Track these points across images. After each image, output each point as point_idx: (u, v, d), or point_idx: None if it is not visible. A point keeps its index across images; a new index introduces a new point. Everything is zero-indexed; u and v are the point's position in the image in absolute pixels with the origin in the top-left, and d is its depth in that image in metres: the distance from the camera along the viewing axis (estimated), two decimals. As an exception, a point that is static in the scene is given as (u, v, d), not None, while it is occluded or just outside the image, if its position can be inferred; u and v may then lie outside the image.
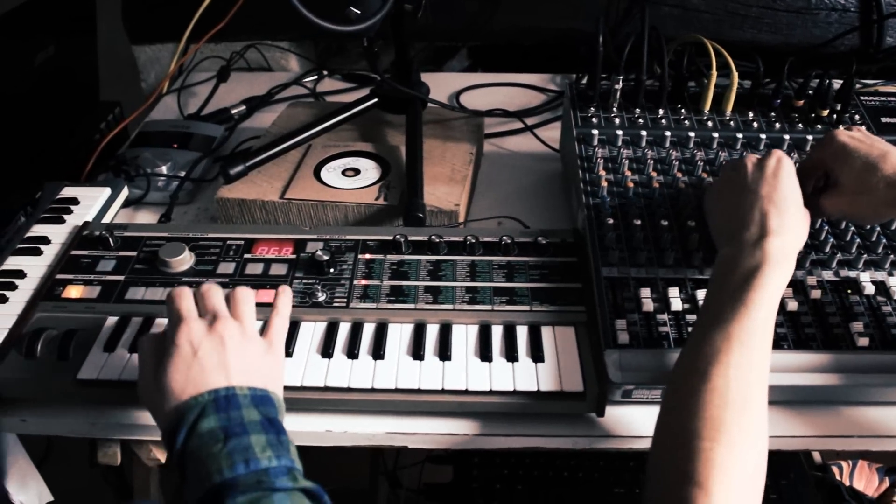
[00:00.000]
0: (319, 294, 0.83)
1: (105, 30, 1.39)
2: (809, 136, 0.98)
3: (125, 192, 1.08)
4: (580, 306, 0.82)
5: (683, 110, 1.02)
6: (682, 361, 0.64)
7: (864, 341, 0.75)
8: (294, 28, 1.47)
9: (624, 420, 0.77)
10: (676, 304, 0.79)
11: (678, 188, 0.92)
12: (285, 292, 0.76)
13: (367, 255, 0.88)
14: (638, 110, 1.02)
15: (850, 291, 0.81)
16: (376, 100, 1.11)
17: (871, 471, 1.44)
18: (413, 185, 0.96)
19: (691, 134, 0.98)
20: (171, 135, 1.20)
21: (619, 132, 0.98)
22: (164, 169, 1.11)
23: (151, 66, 1.52)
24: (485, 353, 0.77)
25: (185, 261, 0.88)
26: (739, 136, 0.98)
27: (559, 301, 0.83)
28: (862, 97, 1.06)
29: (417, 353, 0.78)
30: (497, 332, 0.80)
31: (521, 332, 0.80)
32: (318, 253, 0.86)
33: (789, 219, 0.69)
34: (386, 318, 0.82)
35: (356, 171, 1.03)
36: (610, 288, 0.81)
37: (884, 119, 1.02)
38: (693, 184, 0.92)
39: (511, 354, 0.77)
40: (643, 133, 0.98)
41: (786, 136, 0.98)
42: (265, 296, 0.84)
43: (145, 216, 1.08)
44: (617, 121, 1.01)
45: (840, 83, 1.01)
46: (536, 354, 0.77)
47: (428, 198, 0.95)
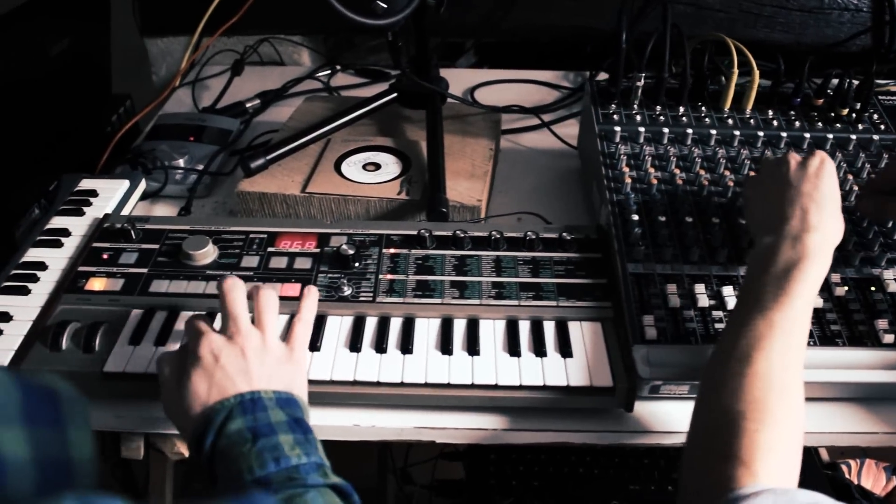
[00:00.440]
0: (345, 288, 0.83)
1: (116, 22, 1.39)
2: (829, 136, 0.98)
3: (143, 185, 1.08)
4: (606, 302, 0.83)
5: (704, 108, 1.03)
6: (723, 345, 0.65)
7: (889, 338, 0.76)
8: (307, 22, 1.46)
9: (651, 415, 0.77)
10: (703, 301, 0.80)
11: (701, 185, 0.92)
12: (311, 295, 0.76)
13: (392, 250, 0.88)
14: (658, 108, 1.02)
15: (873, 289, 0.81)
16: (395, 94, 1.10)
17: (879, 469, 1.45)
18: (435, 180, 0.96)
19: (713, 131, 0.98)
20: (186, 128, 1.19)
21: (641, 129, 0.98)
22: (181, 162, 1.11)
23: (163, 58, 1.51)
24: (513, 348, 0.78)
25: (208, 254, 0.88)
26: (760, 134, 0.98)
27: (585, 297, 0.83)
28: (880, 97, 1.06)
29: (446, 347, 0.78)
30: (524, 328, 0.80)
31: (549, 328, 0.80)
32: (344, 247, 0.86)
33: (828, 216, 0.71)
34: (413, 313, 0.82)
35: (377, 166, 1.03)
36: (636, 284, 0.82)
37: (902, 118, 1.03)
38: (715, 181, 0.93)
39: (539, 349, 0.77)
40: (665, 130, 0.98)
41: (806, 135, 0.99)
42: (290, 289, 0.84)
43: (163, 209, 1.08)
44: (638, 118, 1.01)
45: (858, 83, 1.02)
46: (565, 350, 0.78)
47: (450, 193, 0.95)
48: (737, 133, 0.98)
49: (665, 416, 0.77)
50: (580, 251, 0.89)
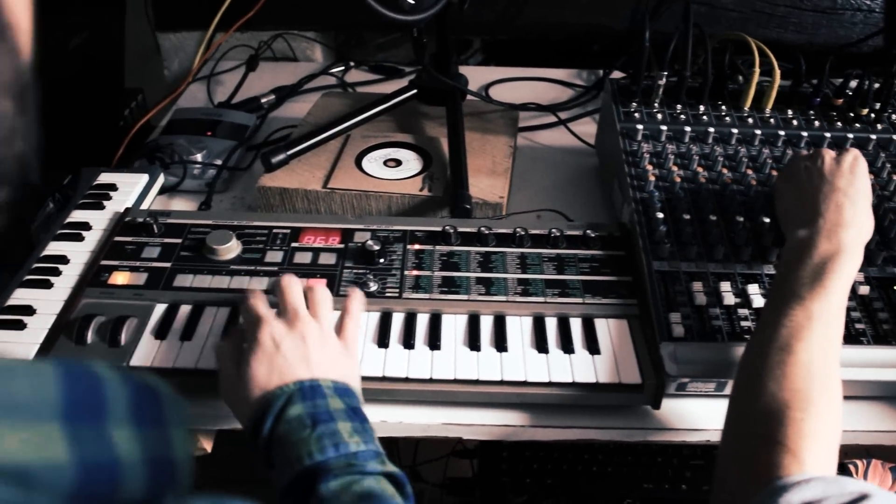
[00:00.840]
0: (371, 284, 0.83)
1: (128, 16, 1.38)
2: (849, 135, 0.99)
3: (161, 179, 1.07)
4: (632, 299, 0.83)
5: (724, 107, 1.03)
6: (761, 335, 0.65)
7: (915, 337, 0.76)
8: (321, 18, 1.46)
9: (676, 413, 0.78)
10: (729, 299, 0.80)
11: (724, 183, 0.92)
12: (357, 296, 0.77)
13: (416, 246, 0.88)
14: (679, 106, 1.02)
15: (896, 288, 0.82)
16: (415, 91, 1.10)
17: (885, 470, 1.45)
18: (458, 177, 0.96)
19: (734, 130, 0.99)
20: (203, 122, 1.19)
21: (663, 127, 0.98)
22: (198, 157, 1.11)
23: (175, 53, 1.50)
24: (541, 345, 0.78)
25: (232, 249, 0.88)
26: (781, 133, 0.99)
27: (611, 294, 0.83)
28: (899, 97, 1.07)
29: (474, 343, 0.78)
30: (551, 324, 0.81)
31: (576, 325, 0.81)
32: (369, 243, 0.86)
33: (861, 213, 0.72)
34: (439, 309, 0.82)
35: (398, 162, 1.03)
36: (661, 281, 0.82)
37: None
38: (738, 180, 0.93)
39: (567, 346, 0.78)
40: (687, 129, 0.98)
41: (826, 135, 0.99)
42: (315, 284, 0.83)
43: (180, 203, 1.08)
44: (659, 116, 1.01)
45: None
46: (592, 346, 0.78)
47: (472, 190, 0.95)
48: (758, 132, 0.99)
49: (690, 414, 0.78)
50: (604, 248, 0.89)
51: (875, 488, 0.50)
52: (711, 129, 0.98)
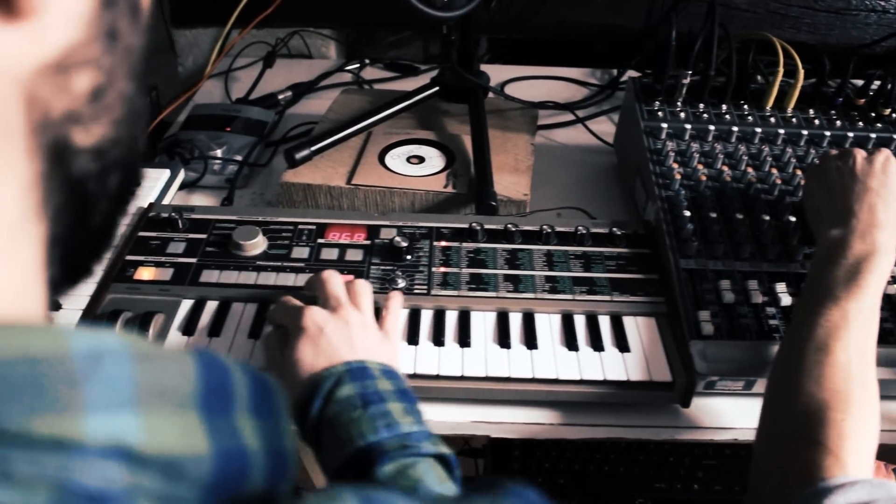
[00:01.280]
0: (399, 281, 0.83)
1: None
2: (872, 135, 0.99)
3: (182, 175, 1.07)
4: (659, 297, 0.83)
5: (746, 106, 1.03)
6: (796, 334, 0.65)
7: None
8: (338, 15, 1.46)
9: (705, 411, 0.78)
10: (756, 297, 0.80)
11: (749, 182, 0.92)
12: (396, 297, 0.77)
13: (443, 243, 0.88)
14: (702, 105, 1.03)
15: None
16: (437, 88, 1.10)
17: (888, 471, 1.46)
18: (483, 174, 0.96)
19: (757, 129, 0.99)
20: (222, 118, 1.19)
21: (686, 126, 0.98)
22: (218, 152, 1.10)
23: (189, 50, 1.50)
24: (571, 342, 0.78)
25: (258, 244, 0.87)
26: (804, 133, 0.99)
27: (638, 292, 0.83)
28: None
29: (504, 341, 0.78)
30: (580, 322, 0.81)
31: (604, 322, 0.81)
32: (397, 239, 0.86)
33: (893, 213, 0.72)
34: (468, 306, 0.82)
35: (420, 159, 1.03)
36: (689, 280, 0.82)
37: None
38: (762, 179, 0.93)
39: (597, 344, 0.78)
40: (711, 128, 0.98)
41: (849, 134, 1.00)
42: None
43: (201, 199, 1.07)
44: (682, 115, 1.01)
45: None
46: (622, 344, 0.78)
47: (496, 187, 0.95)
48: (781, 132, 0.99)
49: (718, 412, 0.78)
50: (629, 246, 0.89)
51: None
52: (735, 129, 0.99)
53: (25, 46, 0.22)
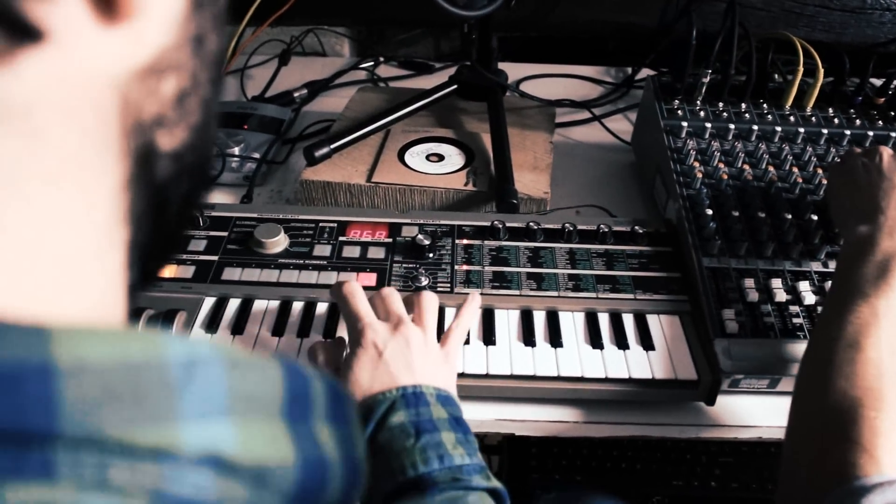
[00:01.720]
0: (423, 279, 0.83)
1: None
2: (893, 133, 0.99)
3: (199, 173, 1.07)
4: (682, 295, 0.83)
5: (766, 105, 1.03)
6: (825, 331, 0.65)
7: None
8: (352, 13, 1.46)
9: (729, 409, 0.78)
10: (780, 296, 0.80)
11: (770, 181, 0.92)
12: (474, 301, 0.75)
13: (465, 241, 0.88)
14: (721, 104, 1.02)
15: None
16: (456, 86, 1.10)
17: None
18: (503, 172, 0.96)
19: (777, 128, 0.99)
20: (238, 116, 1.19)
21: (707, 125, 0.98)
22: (236, 150, 1.10)
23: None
24: (595, 341, 0.78)
25: (280, 242, 0.87)
26: (824, 131, 0.99)
27: (661, 290, 0.83)
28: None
29: (529, 339, 0.78)
30: (604, 320, 0.81)
31: (628, 320, 0.81)
32: (420, 237, 0.86)
33: None
34: (491, 304, 0.82)
35: (440, 157, 1.03)
36: (712, 278, 0.82)
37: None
38: (783, 177, 0.93)
39: (621, 342, 0.78)
40: (731, 126, 0.98)
41: (869, 133, 0.99)
42: (365, 279, 0.84)
43: (219, 196, 1.07)
44: (702, 114, 1.01)
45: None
46: (646, 342, 0.78)
47: (516, 185, 0.95)
48: (801, 130, 0.99)
49: (742, 410, 0.78)
50: (651, 245, 0.89)
51: None
52: (755, 127, 0.98)
53: (124, 49, 0.23)
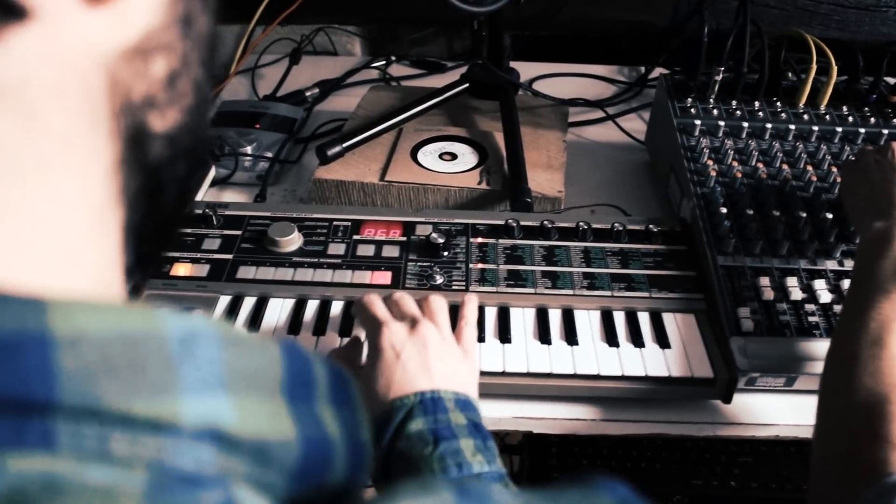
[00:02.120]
0: (437, 277, 0.83)
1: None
2: (907, 131, 0.99)
3: (213, 171, 1.07)
4: (697, 294, 0.83)
5: (779, 103, 1.03)
6: (848, 329, 0.65)
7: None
8: (362, 12, 1.46)
9: (746, 408, 0.78)
10: (795, 294, 0.80)
11: (784, 179, 0.92)
12: (471, 300, 0.75)
13: (479, 239, 0.88)
14: (734, 102, 1.02)
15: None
16: (468, 84, 1.10)
17: None
18: (517, 171, 0.96)
19: (791, 126, 0.98)
20: (250, 115, 1.19)
21: (720, 123, 0.98)
22: (248, 149, 1.11)
23: (213, 47, 1.50)
24: (611, 339, 0.78)
25: (294, 241, 0.88)
26: (838, 130, 0.98)
27: (676, 288, 0.83)
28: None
29: (544, 337, 0.78)
30: (619, 318, 0.81)
31: (644, 319, 0.81)
32: (434, 235, 0.86)
33: None
34: (507, 302, 0.82)
35: (453, 156, 1.03)
36: (727, 277, 0.82)
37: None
38: (797, 176, 0.93)
39: (637, 340, 0.78)
40: (744, 124, 0.98)
41: (884, 131, 0.99)
42: (380, 277, 0.84)
43: (233, 196, 1.08)
44: (715, 112, 1.01)
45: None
46: (662, 340, 0.78)
47: (530, 184, 0.95)
48: (815, 128, 0.98)
49: (759, 409, 0.78)
50: (665, 243, 0.89)
51: None
52: (769, 126, 0.98)
53: (110, 29, 0.23)
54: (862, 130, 0.99)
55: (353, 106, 1.18)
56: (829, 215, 0.87)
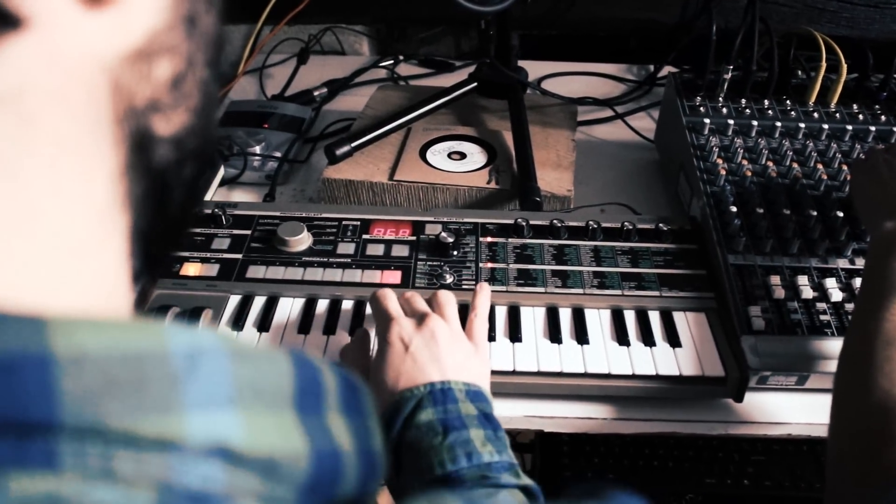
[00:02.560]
0: (447, 276, 0.83)
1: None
2: (919, 130, 0.98)
3: (222, 171, 1.08)
4: (708, 293, 0.83)
5: (788, 101, 1.02)
6: (862, 330, 0.64)
7: None
8: (370, 11, 1.46)
9: (757, 406, 0.77)
10: (806, 293, 0.80)
11: (794, 178, 0.92)
12: (484, 290, 0.75)
13: (489, 238, 0.88)
14: (744, 101, 1.02)
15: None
16: (475, 84, 1.10)
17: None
18: (526, 170, 0.95)
19: (801, 125, 0.98)
20: (259, 115, 1.19)
21: (730, 121, 0.98)
22: (257, 149, 1.11)
23: (221, 46, 1.50)
24: (622, 338, 0.78)
25: (303, 240, 0.88)
26: (849, 128, 0.98)
27: (687, 287, 0.83)
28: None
29: (555, 336, 0.77)
30: (630, 317, 0.80)
31: (654, 317, 0.80)
32: (443, 235, 0.86)
33: None
34: (517, 301, 0.82)
35: (462, 155, 1.03)
36: (738, 275, 0.82)
37: None
38: (808, 174, 0.93)
39: (648, 339, 0.78)
40: (754, 123, 0.98)
41: (895, 129, 0.99)
42: (390, 277, 0.84)
43: (242, 195, 1.08)
44: (724, 110, 1.01)
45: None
46: (673, 339, 0.78)
47: (539, 183, 0.95)
48: (825, 127, 0.98)
49: (771, 407, 0.77)
50: (675, 242, 0.89)
51: None
52: (778, 124, 0.98)
53: (110, 33, 0.23)
54: (872, 128, 0.99)
55: (362, 105, 1.18)
56: (840, 213, 0.87)
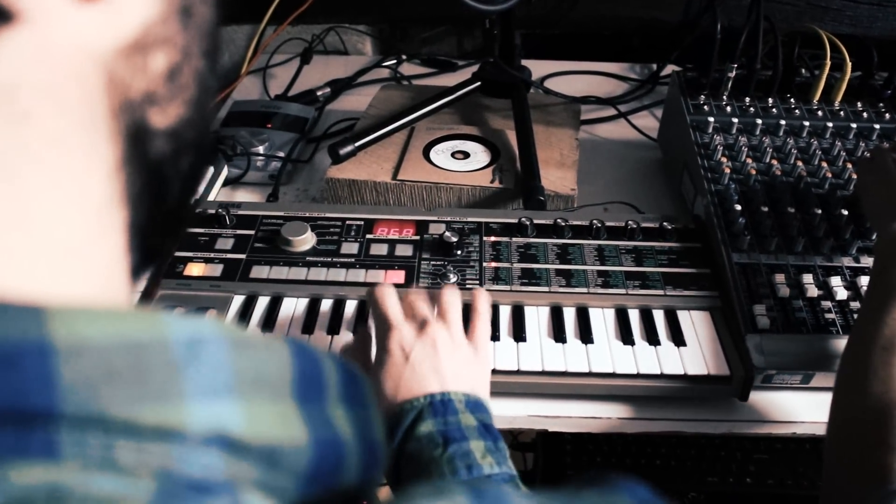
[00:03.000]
0: (451, 276, 0.83)
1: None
2: (924, 128, 0.98)
3: (225, 171, 1.08)
4: (713, 291, 0.82)
5: (793, 100, 1.02)
6: (862, 332, 0.64)
7: None
8: (373, 11, 1.46)
9: (762, 405, 0.77)
10: (811, 291, 0.79)
11: (799, 176, 0.91)
12: (483, 295, 0.74)
13: (492, 238, 0.88)
14: (748, 99, 1.02)
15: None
16: (479, 83, 1.10)
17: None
18: (529, 169, 0.95)
19: (805, 123, 0.98)
20: (262, 115, 1.19)
21: (734, 120, 0.98)
22: (260, 149, 1.11)
23: (225, 47, 1.51)
24: (626, 337, 0.77)
25: (307, 240, 0.88)
26: (853, 126, 0.98)
27: (691, 286, 0.83)
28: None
29: (559, 335, 0.77)
30: (634, 316, 0.80)
31: (659, 316, 0.80)
32: (447, 234, 0.86)
33: None
34: (521, 301, 0.82)
35: (465, 154, 1.03)
36: (742, 274, 0.81)
37: None
38: (812, 173, 0.92)
39: (652, 338, 0.77)
40: (758, 121, 0.97)
41: (900, 127, 0.98)
42: (393, 276, 0.84)
43: (245, 195, 1.08)
44: (728, 109, 1.00)
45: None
46: (678, 338, 0.78)
47: (543, 182, 0.95)
48: (829, 125, 0.98)
49: (776, 406, 0.77)
50: (679, 241, 0.89)
51: None
52: (783, 122, 0.98)
53: (104, 26, 0.22)
54: (877, 126, 0.98)
55: (365, 105, 1.18)
56: (845, 212, 0.86)
